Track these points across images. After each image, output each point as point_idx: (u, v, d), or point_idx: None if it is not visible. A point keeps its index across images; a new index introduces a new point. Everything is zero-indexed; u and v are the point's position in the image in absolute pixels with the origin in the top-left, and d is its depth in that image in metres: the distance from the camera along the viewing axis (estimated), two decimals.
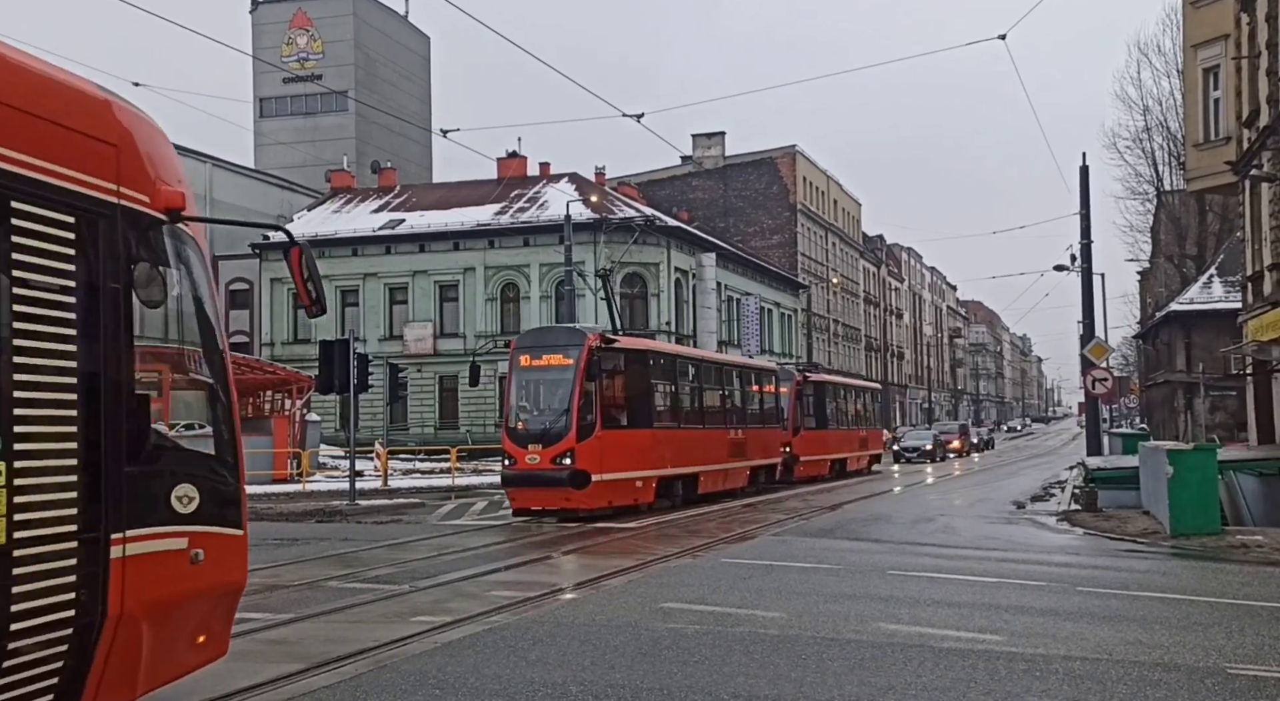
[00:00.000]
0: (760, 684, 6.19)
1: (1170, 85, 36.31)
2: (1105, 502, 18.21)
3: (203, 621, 4.95)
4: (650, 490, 17.53)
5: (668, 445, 18.25)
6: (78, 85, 4.39)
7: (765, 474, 23.93)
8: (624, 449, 16.60)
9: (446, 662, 6.69)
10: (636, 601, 8.94)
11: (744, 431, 22.32)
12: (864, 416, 33.70)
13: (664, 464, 18.08)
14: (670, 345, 22.63)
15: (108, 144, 4.34)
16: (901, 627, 7.81)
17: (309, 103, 54.81)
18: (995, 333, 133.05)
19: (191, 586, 4.72)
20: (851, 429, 31.91)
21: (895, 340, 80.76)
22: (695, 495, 19.44)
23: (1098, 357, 23.51)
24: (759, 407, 24.02)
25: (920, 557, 12.44)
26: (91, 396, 4.12)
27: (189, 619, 4.81)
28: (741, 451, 22.05)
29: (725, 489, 21.16)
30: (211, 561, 4.77)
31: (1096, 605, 9.08)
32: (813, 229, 60.90)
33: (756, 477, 23.23)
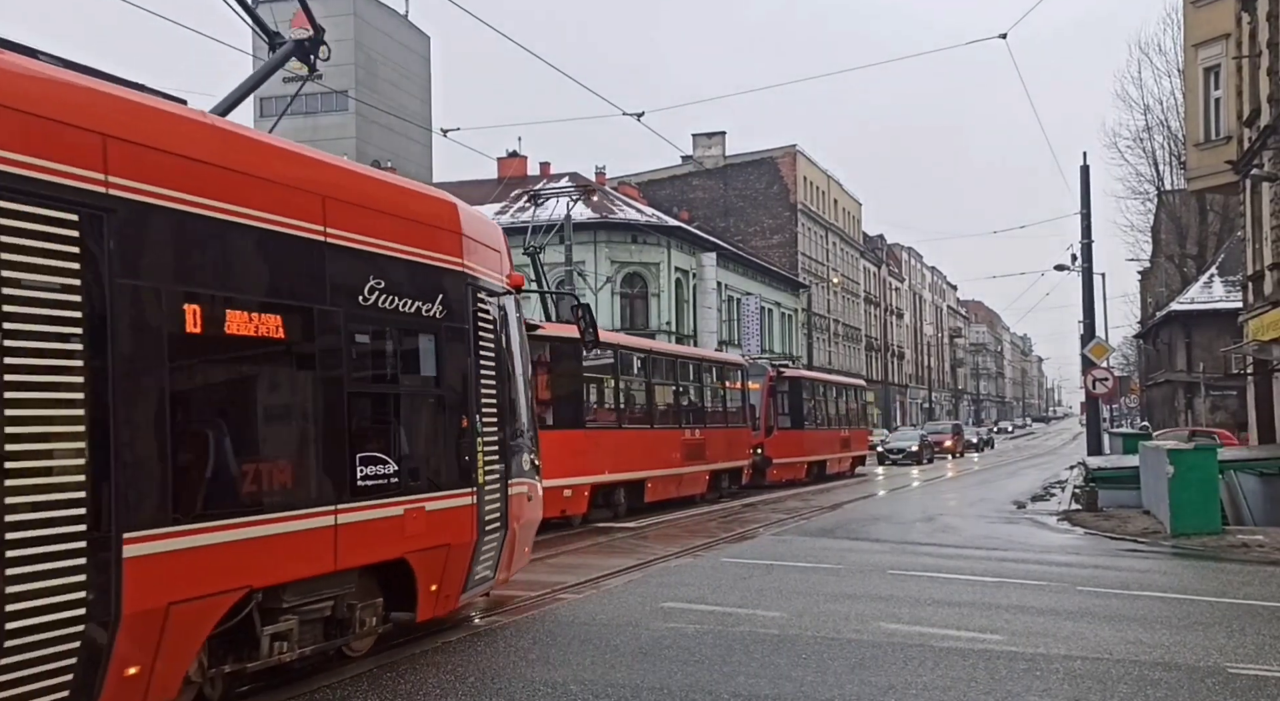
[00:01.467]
0: (761, 683, 6.19)
1: (1171, 84, 36.34)
2: (1106, 502, 18.21)
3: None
4: (582, 499, 15.58)
5: (604, 447, 16.37)
6: (435, 194, 7.49)
7: (730, 478, 21.91)
8: (545, 452, 9.04)
9: (446, 662, 6.69)
10: (637, 601, 8.93)
11: (703, 431, 20.31)
12: (847, 415, 31.50)
13: (599, 469, 16.14)
14: (613, 335, 19.84)
15: (453, 233, 7.28)
16: (902, 627, 7.81)
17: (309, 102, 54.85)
18: (995, 332, 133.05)
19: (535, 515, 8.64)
20: (833, 429, 29.74)
21: (896, 340, 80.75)
22: (641, 503, 17.59)
23: (1098, 357, 23.51)
24: (722, 405, 22.00)
25: (920, 557, 12.44)
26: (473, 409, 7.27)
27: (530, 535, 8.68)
28: (700, 453, 20.06)
29: (680, 496, 19.30)
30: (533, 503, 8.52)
31: (1097, 604, 9.08)
32: (813, 229, 60.90)
33: (719, 482, 21.24)
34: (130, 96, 5.13)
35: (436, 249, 7.00)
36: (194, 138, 5.30)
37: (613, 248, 39.52)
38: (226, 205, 5.29)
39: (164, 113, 5.29)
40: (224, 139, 5.55)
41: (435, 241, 7.01)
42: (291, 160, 6.09)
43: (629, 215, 40.49)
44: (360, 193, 6.48)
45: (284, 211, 5.71)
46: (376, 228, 6.40)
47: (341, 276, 6.08)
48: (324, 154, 6.61)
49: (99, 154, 4.63)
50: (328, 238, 5.98)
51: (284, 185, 5.80)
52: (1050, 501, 21.56)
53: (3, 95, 4.28)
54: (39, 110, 4.42)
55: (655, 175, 57.92)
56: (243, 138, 5.81)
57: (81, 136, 4.56)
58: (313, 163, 6.28)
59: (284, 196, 5.75)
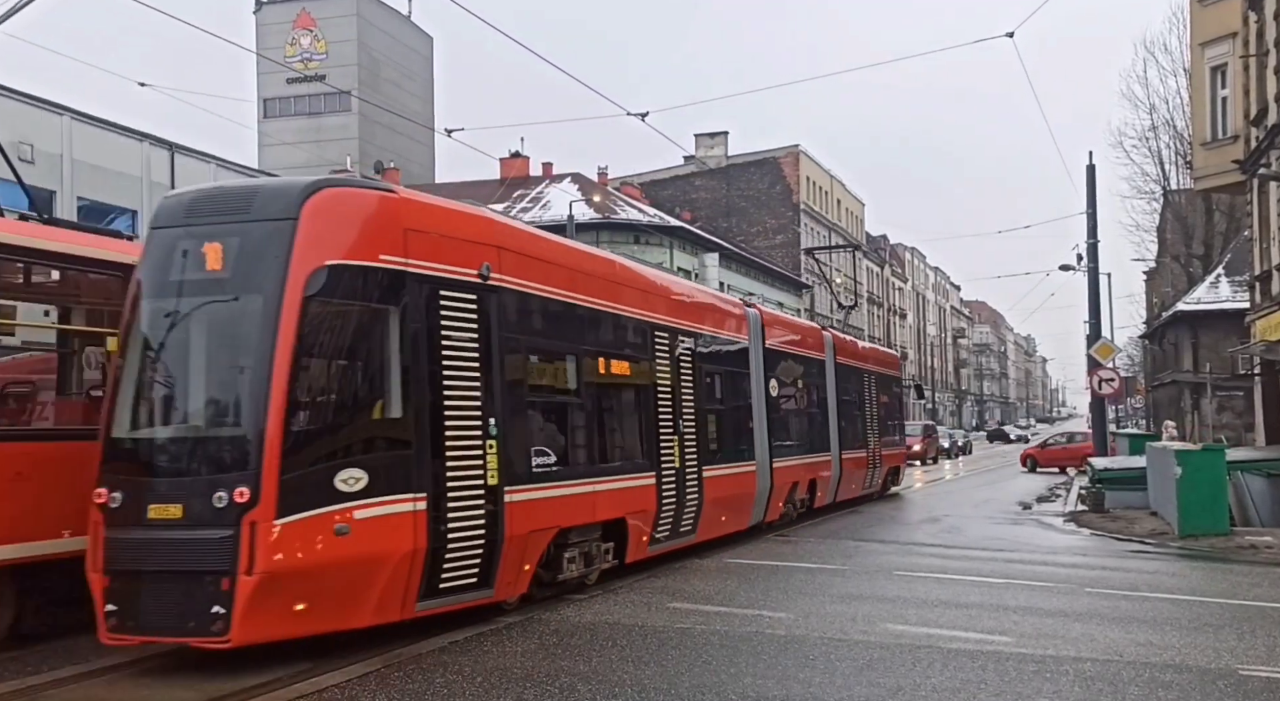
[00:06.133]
0: (768, 684, 6.14)
1: (1177, 84, 36.16)
2: (1112, 503, 18.15)
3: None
4: None
5: None
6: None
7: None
8: None
9: (454, 661, 6.65)
10: (644, 602, 8.89)
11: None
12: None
13: None
14: None
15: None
16: (909, 628, 7.76)
17: (312, 103, 54.85)
18: (999, 333, 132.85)
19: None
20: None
21: (899, 340, 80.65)
22: None
23: (1104, 357, 23.41)
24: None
25: (927, 558, 12.38)
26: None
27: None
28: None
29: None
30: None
31: (1106, 606, 9.02)
32: (816, 228, 60.84)
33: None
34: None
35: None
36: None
37: (615, 248, 39.42)
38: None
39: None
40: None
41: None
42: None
43: (631, 215, 40.47)
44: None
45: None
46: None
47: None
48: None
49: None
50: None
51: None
52: (1056, 502, 21.50)
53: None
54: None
55: (657, 175, 57.89)
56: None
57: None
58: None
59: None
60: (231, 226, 6.80)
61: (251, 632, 6.21)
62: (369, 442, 6.88)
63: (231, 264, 6.70)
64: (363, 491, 6.61)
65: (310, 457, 6.49)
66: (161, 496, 6.39)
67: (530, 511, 8.03)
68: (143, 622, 6.31)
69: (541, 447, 8.52)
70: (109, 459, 6.61)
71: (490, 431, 7.61)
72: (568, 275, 9.15)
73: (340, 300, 6.81)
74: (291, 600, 6.36)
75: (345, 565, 6.55)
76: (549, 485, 8.44)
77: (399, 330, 7.03)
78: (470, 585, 7.48)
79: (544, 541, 8.45)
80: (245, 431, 6.44)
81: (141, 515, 6.35)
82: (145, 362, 6.92)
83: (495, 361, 7.78)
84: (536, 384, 8.74)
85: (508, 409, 7.87)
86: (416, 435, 7.02)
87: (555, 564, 8.76)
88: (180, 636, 6.39)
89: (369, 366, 7.02)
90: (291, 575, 6.29)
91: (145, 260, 7.06)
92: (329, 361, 6.87)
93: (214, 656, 6.44)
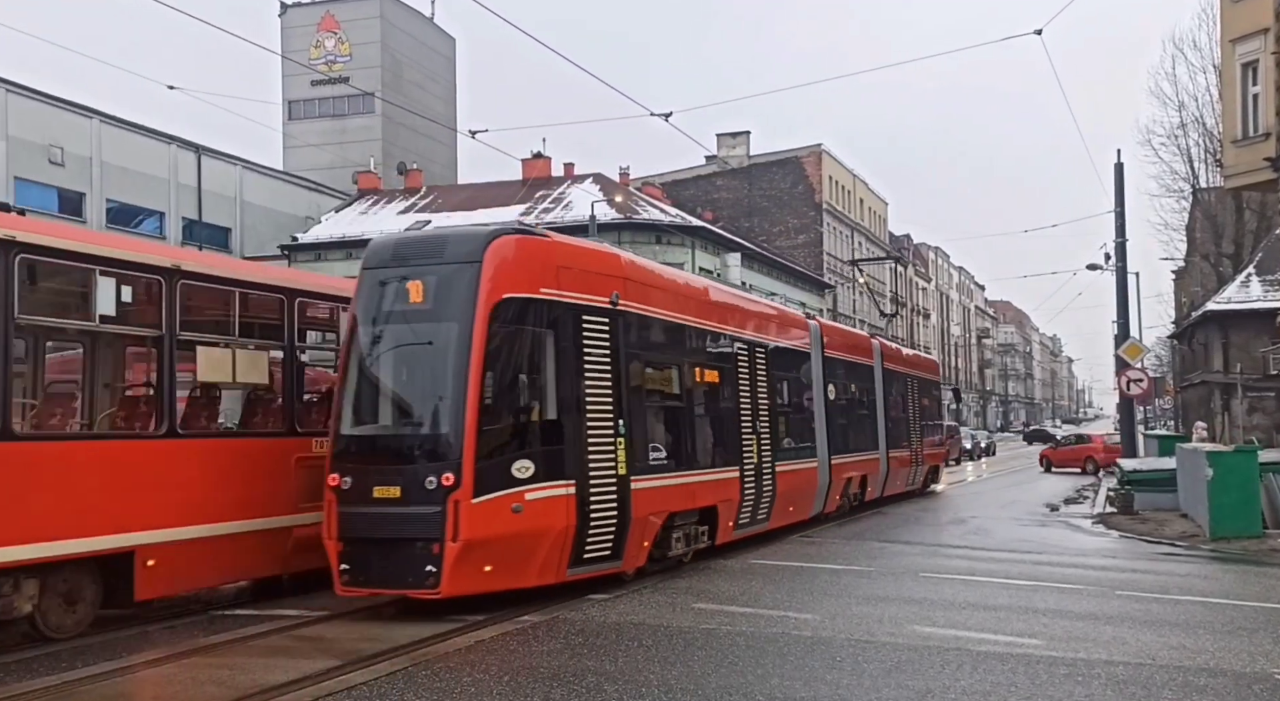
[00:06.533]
0: (796, 685, 6.10)
1: (1207, 80, 35.67)
2: (1142, 505, 17.93)
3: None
4: None
5: None
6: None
7: None
8: None
9: (480, 661, 6.66)
10: (668, 602, 8.87)
11: None
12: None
13: None
14: None
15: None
16: (937, 630, 7.70)
17: (336, 105, 55.12)
18: (1025, 333, 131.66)
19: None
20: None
21: (922, 341, 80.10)
22: None
23: (1133, 358, 23.11)
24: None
25: (953, 560, 12.28)
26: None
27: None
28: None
29: None
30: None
31: (1137, 609, 8.91)
32: (839, 228, 60.55)
33: None
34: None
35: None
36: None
37: (637, 248, 39.42)
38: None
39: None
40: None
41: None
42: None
43: (653, 216, 40.43)
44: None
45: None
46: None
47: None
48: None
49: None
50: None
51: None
52: (1084, 504, 21.28)
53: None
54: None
55: (679, 175, 57.79)
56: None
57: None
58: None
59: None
60: (429, 267, 8.64)
61: (455, 586, 7.92)
62: (534, 438, 8.62)
63: (431, 297, 8.52)
64: (531, 478, 8.35)
65: (495, 450, 8.23)
66: (384, 480, 8.13)
67: (649, 497, 9.71)
68: (371, 578, 8.10)
69: (656, 444, 10.18)
70: (339, 451, 8.43)
71: (620, 430, 9.28)
72: (674, 299, 11.01)
73: (513, 325, 8.58)
74: (482, 562, 8.08)
75: (519, 536, 8.30)
76: (662, 476, 10.12)
77: (554, 348, 8.87)
78: (606, 556, 9.16)
79: (658, 523, 10.11)
80: (448, 430, 8.18)
81: (368, 495, 8.10)
82: (364, 375, 8.78)
83: (622, 372, 9.50)
84: (651, 390, 10.49)
85: (632, 411, 9.58)
86: (568, 432, 8.81)
87: (665, 542, 10.35)
88: (401, 589, 8.16)
89: (534, 377, 8.73)
90: (483, 543, 8.03)
91: (360, 294, 8.88)
92: (506, 374, 8.52)
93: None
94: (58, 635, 7.42)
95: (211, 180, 39.93)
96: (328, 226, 43.08)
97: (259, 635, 7.70)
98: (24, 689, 6.17)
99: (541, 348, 8.80)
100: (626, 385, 9.53)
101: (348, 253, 41.53)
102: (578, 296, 9.11)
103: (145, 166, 36.81)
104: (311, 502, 8.77)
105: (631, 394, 9.64)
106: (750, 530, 12.52)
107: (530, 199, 42.05)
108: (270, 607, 8.90)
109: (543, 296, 8.80)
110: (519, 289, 8.64)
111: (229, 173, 41.30)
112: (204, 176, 39.49)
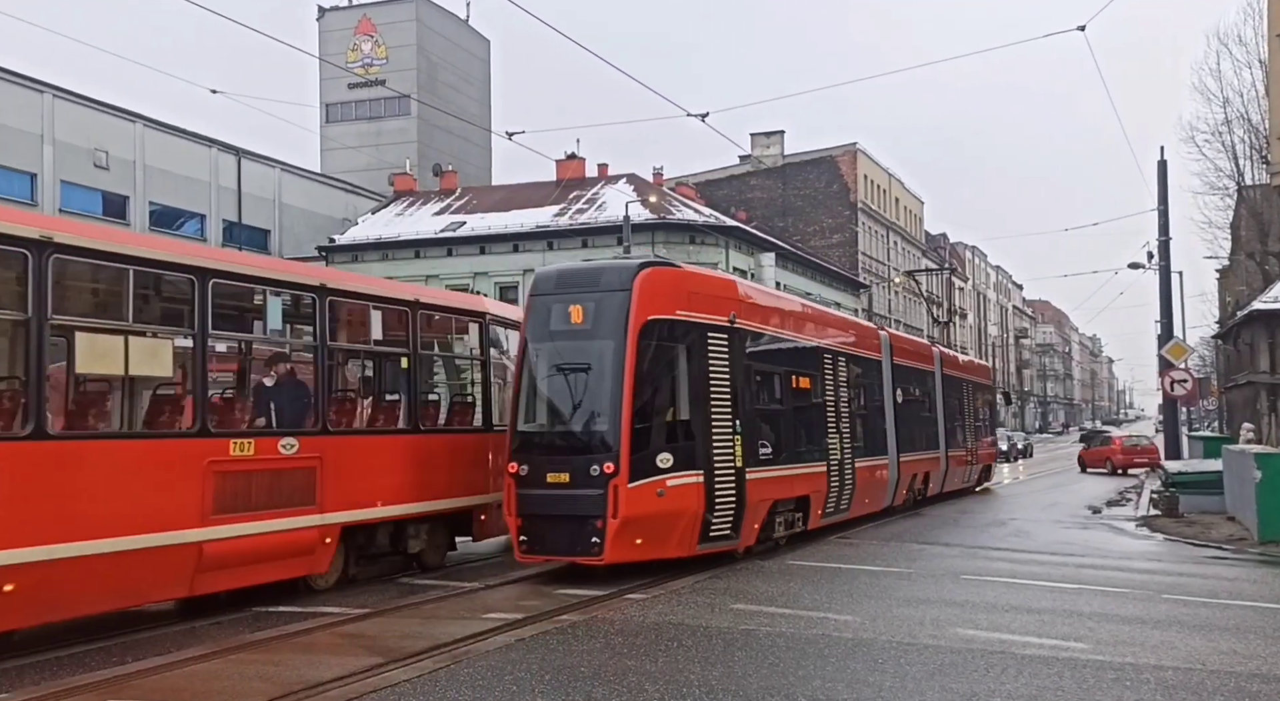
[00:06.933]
0: (838, 687, 6.06)
1: (1252, 76, 34.84)
2: (1187, 507, 17.61)
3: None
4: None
5: None
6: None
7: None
8: None
9: (521, 659, 6.69)
10: (706, 602, 8.85)
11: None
12: None
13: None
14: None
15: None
16: (980, 633, 7.61)
17: (373, 107, 55.69)
18: (1064, 333, 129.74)
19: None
20: None
21: (958, 340, 79.23)
22: None
23: (1177, 358, 22.70)
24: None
25: (994, 562, 12.13)
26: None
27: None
28: None
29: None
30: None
31: (1185, 613, 8.75)
32: (874, 228, 60.08)
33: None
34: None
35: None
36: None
37: (670, 248, 39.41)
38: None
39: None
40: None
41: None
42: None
43: (687, 216, 40.36)
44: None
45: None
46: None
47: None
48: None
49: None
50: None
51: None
52: (1126, 507, 20.93)
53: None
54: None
55: (713, 175, 57.66)
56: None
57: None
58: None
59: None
60: (588, 294, 10.39)
61: (614, 555, 9.69)
62: (672, 435, 10.39)
63: (590, 319, 10.28)
64: (670, 468, 10.10)
65: (644, 445, 9.97)
66: (555, 468, 9.90)
67: (759, 487, 11.41)
68: (545, 548, 9.97)
69: (763, 441, 11.76)
70: (517, 445, 10.18)
71: (736, 428, 10.92)
72: (776, 316, 12.82)
73: (656, 342, 10.30)
74: (635, 536, 9.82)
75: (663, 516, 10.06)
76: (768, 469, 11.78)
77: (686, 360, 10.62)
78: (726, 535, 10.85)
79: (765, 509, 11.81)
80: (608, 428, 9.89)
81: (542, 480, 9.89)
82: (536, 384, 10.49)
83: (738, 380, 11.13)
84: (758, 395, 12.09)
85: (745, 413, 11.18)
86: (697, 430, 10.51)
87: (769, 526, 12.04)
88: (571, 556, 9.99)
89: (672, 384, 10.57)
90: (636, 520, 9.80)
91: (530, 317, 10.64)
92: (651, 382, 10.29)
93: None
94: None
95: (251, 183, 40.50)
96: (364, 228, 43.49)
97: (302, 632, 7.80)
98: (76, 682, 6.30)
99: (677, 360, 10.60)
100: (741, 391, 11.15)
101: (384, 253, 41.96)
102: (704, 316, 10.84)
103: (187, 169, 37.41)
104: (229, 514, 8.08)
105: (745, 398, 11.27)
106: (834, 518, 14.18)
107: (564, 200, 42.16)
108: (311, 604, 9.00)
109: (678, 317, 10.57)
110: (660, 311, 10.39)
111: (268, 175, 41.85)
112: (244, 179, 40.06)
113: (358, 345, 10.61)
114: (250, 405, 9.23)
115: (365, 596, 9.47)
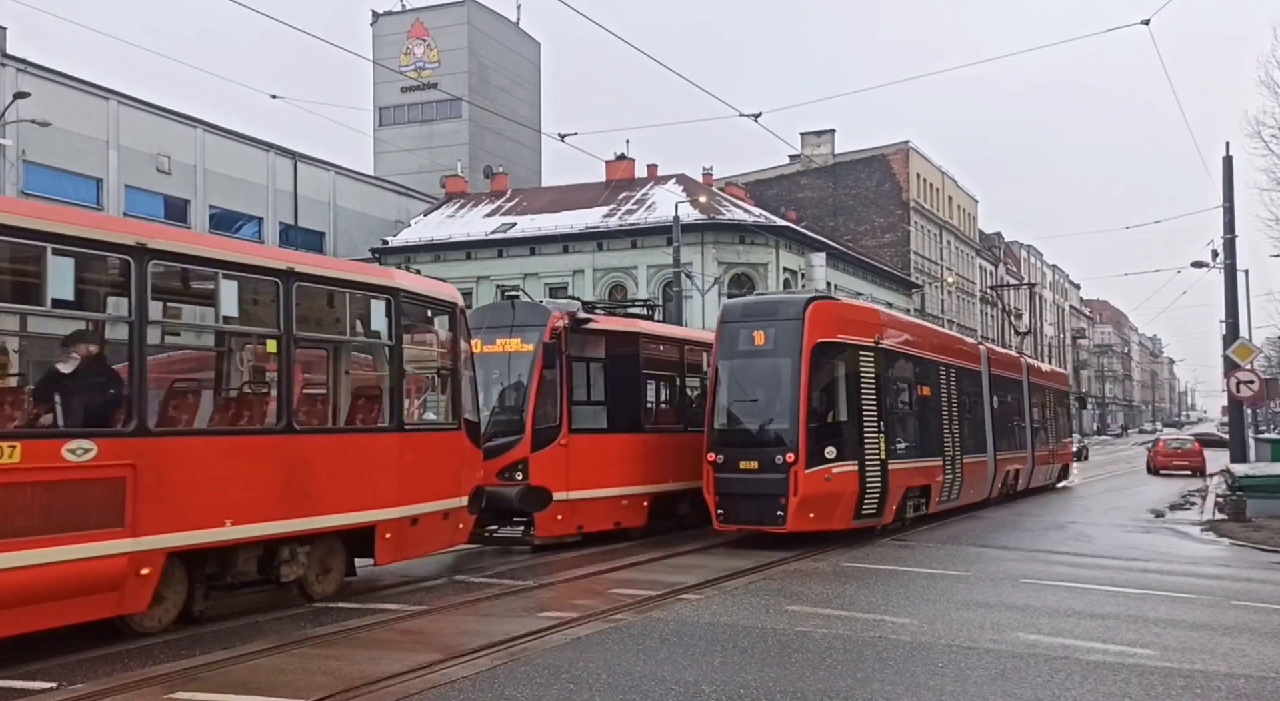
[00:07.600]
0: (898, 691, 5.99)
1: None
2: (1255, 512, 17.09)
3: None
4: (642, 511, 13.88)
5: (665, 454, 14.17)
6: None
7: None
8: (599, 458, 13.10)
9: (578, 658, 6.72)
10: (761, 603, 8.81)
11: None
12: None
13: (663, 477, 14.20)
14: (665, 326, 17.83)
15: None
16: (1043, 638, 7.47)
17: (425, 110, 56.34)
18: (1123, 333, 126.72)
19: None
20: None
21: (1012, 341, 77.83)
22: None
23: (1243, 359, 22.01)
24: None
25: (1055, 566, 11.90)
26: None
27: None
28: None
29: None
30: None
31: (1255, 620, 8.50)
32: (926, 227, 59.28)
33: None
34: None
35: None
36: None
37: (720, 248, 39.31)
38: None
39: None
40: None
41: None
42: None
43: (736, 215, 40.19)
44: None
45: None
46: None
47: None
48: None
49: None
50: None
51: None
52: (1191, 511, 20.37)
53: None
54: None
55: (762, 175, 57.35)
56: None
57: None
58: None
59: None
60: (769, 322, 13.25)
61: (795, 525, 12.49)
62: (835, 433, 13.06)
63: (771, 341, 13.12)
64: (834, 458, 12.83)
65: (815, 440, 12.71)
66: (747, 457, 12.76)
67: (897, 476, 13.97)
68: (740, 519, 12.91)
69: (899, 439, 14.34)
70: (714, 439, 13.03)
71: (880, 428, 13.52)
72: (906, 336, 15.49)
73: (822, 359, 13.03)
74: (809, 511, 12.59)
75: (830, 496, 12.78)
76: (903, 461, 14.35)
77: (845, 373, 13.33)
78: (873, 514, 13.50)
79: (900, 494, 14.32)
80: (789, 427, 12.69)
81: (736, 467, 12.78)
82: (728, 393, 13.27)
83: (881, 388, 13.76)
84: (895, 401, 14.64)
85: (886, 415, 13.79)
86: (851, 429, 13.21)
87: (903, 509, 14.57)
88: (760, 526, 12.80)
89: (834, 392, 13.24)
90: (811, 498, 12.57)
91: (721, 340, 13.43)
92: (819, 391, 13.01)
93: None
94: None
95: (307, 185, 41.27)
96: (417, 229, 44.05)
97: (362, 628, 7.92)
98: (149, 673, 6.46)
99: (838, 373, 13.27)
100: (883, 397, 13.76)
101: (436, 255, 42.47)
102: (856, 338, 13.49)
103: (245, 173, 38.26)
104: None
105: (886, 403, 13.91)
106: (948, 505, 16.60)
107: (614, 200, 42.27)
108: (369, 601, 9.14)
109: (838, 340, 13.22)
110: (825, 335, 13.06)
111: (323, 178, 42.60)
112: (300, 182, 40.84)
113: (198, 323, 8.70)
114: (26, 398, 7.05)
115: (421, 594, 9.59)
